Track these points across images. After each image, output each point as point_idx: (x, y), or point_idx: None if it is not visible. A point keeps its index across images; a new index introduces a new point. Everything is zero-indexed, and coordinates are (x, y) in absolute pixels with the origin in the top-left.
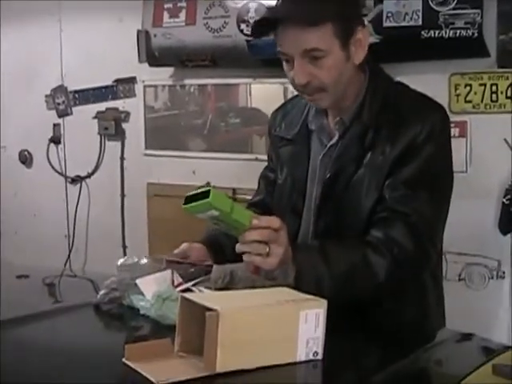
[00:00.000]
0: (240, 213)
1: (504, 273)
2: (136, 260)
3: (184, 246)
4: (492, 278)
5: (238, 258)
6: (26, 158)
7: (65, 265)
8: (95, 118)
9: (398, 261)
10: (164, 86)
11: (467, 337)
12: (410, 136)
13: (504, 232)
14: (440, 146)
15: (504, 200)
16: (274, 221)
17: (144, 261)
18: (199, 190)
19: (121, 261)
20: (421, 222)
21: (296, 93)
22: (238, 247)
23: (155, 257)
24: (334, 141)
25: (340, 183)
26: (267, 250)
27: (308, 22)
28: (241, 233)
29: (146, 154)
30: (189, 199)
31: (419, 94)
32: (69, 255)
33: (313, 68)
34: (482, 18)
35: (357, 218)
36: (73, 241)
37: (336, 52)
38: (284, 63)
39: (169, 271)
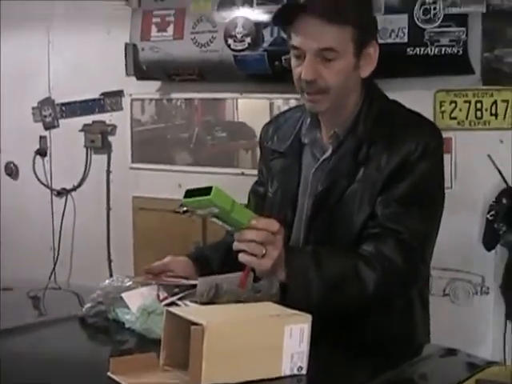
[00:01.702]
0: (240, 212)
1: (488, 288)
2: (120, 284)
3: (167, 259)
4: (476, 293)
5: (224, 271)
6: (11, 170)
7: (49, 277)
8: (82, 130)
9: (387, 276)
10: (151, 99)
11: (451, 352)
12: (404, 152)
13: (488, 248)
14: (433, 164)
15: (488, 216)
16: (272, 224)
17: (128, 283)
18: (200, 186)
19: (105, 283)
20: (412, 239)
21: (283, 108)
22: (236, 245)
23: (138, 280)
24: (327, 155)
25: (332, 197)
26: (264, 251)
27: (332, 17)
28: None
29: (132, 168)
30: (189, 193)
31: (413, 112)
32: (54, 268)
33: (322, 68)
34: (466, 35)
35: (348, 233)
36: (58, 253)
37: (348, 57)
38: (293, 58)
39: (154, 286)
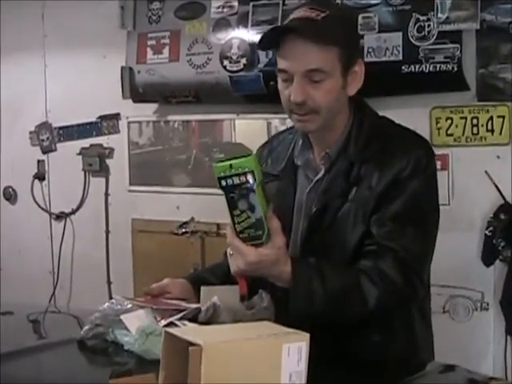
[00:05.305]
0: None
1: (488, 304)
2: (119, 306)
3: (165, 281)
4: (476, 309)
5: None
6: (10, 195)
7: (49, 301)
8: (79, 154)
9: (387, 291)
10: (148, 121)
11: (451, 368)
12: (395, 171)
13: (487, 264)
14: (425, 181)
15: (486, 232)
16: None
17: (127, 305)
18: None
19: (104, 306)
20: (408, 257)
21: (281, 128)
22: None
23: (137, 302)
24: (319, 175)
25: (326, 218)
26: None
27: (318, 40)
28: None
29: (131, 190)
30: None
31: (404, 128)
32: (53, 291)
33: (311, 89)
34: (461, 52)
35: (343, 252)
36: (57, 277)
37: (336, 77)
38: (280, 81)
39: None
